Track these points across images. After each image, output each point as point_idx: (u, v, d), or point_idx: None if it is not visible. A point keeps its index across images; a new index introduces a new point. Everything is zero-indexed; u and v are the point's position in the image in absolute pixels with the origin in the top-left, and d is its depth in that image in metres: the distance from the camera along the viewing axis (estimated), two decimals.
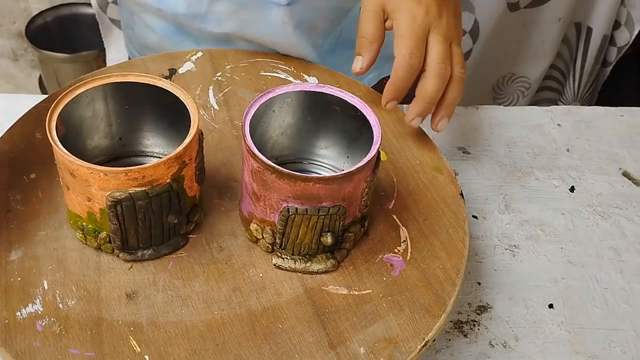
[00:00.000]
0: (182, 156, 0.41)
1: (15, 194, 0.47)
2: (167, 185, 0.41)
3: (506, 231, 0.60)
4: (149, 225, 0.42)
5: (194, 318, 0.41)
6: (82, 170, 0.39)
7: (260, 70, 0.59)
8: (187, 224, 0.44)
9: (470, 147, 0.67)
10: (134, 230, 0.42)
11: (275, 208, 0.41)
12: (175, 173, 0.41)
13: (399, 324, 0.42)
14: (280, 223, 0.42)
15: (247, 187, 0.43)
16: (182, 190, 0.42)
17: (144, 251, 0.43)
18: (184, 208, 0.43)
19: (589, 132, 0.71)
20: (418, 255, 0.45)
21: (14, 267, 0.43)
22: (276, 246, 0.44)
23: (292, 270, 0.43)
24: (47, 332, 0.40)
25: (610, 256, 0.59)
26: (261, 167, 0.40)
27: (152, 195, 0.40)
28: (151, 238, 0.43)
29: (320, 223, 0.42)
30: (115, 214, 0.41)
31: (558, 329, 0.53)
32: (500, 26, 1.08)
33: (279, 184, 0.40)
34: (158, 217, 0.42)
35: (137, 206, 0.41)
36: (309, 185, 0.40)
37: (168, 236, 0.44)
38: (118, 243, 0.43)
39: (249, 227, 0.45)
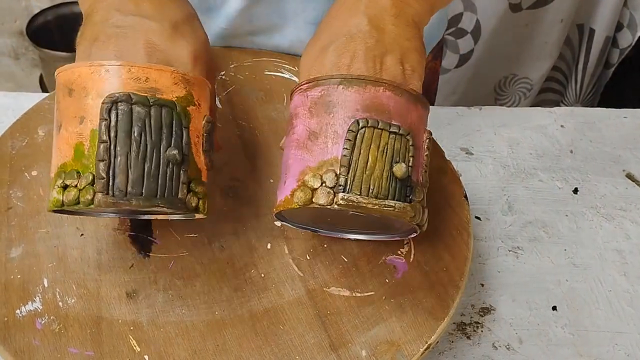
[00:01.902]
0: (190, 83, 0.37)
1: (17, 191, 0.46)
2: (171, 102, 0.36)
3: (509, 232, 0.59)
4: (144, 152, 0.35)
5: (195, 318, 0.41)
6: (83, 72, 0.36)
7: (264, 69, 0.58)
8: (190, 193, 0.37)
9: (473, 148, 0.67)
10: (124, 159, 0.35)
11: (339, 133, 0.36)
12: (182, 98, 0.37)
13: (402, 326, 0.41)
14: (347, 143, 0.35)
15: (299, 142, 0.38)
16: (187, 124, 0.37)
17: (133, 196, 0.35)
18: (188, 154, 0.37)
19: (593, 133, 0.70)
20: (421, 257, 0.45)
21: (14, 265, 0.42)
22: (339, 188, 0.35)
23: (363, 206, 0.35)
24: (47, 330, 0.39)
25: (614, 258, 0.58)
26: (325, 87, 0.37)
27: (153, 103, 0.36)
28: (144, 177, 0.35)
29: (391, 147, 0.36)
30: (107, 126, 0.35)
31: (562, 331, 0.52)
32: (502, 27, 1.08)
33: (346, 96, 0.36)
34: (156, 143, 0.36)
35: (134, 115, 0.35)
36: (379, 92, 0.36)
37: (164, 187, 0.36)
38: (102, 176, 0.35)
39: (299, 188, 0.37)
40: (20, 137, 0.50)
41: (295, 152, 0.38)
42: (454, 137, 0.67)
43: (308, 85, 0.38)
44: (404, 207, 0.36)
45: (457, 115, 0.70)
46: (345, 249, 0.45)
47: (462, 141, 0.67)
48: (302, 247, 0.45)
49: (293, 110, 0.39)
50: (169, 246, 0.44)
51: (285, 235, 0.45)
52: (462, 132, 0.68)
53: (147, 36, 0.38)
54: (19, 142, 0.49)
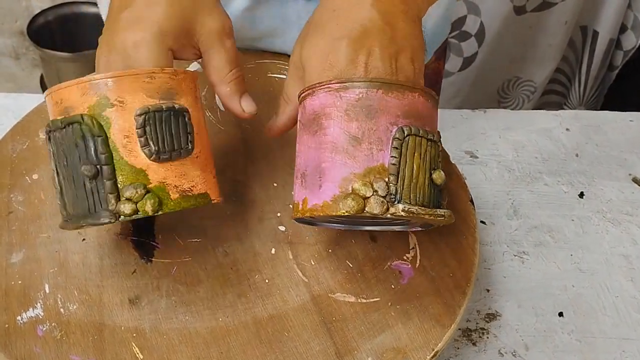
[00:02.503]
0: (102, 87, 0.36)
1: (17, 194, 0.46)
2: (77, 117, 0.36)
3: (515, 237, 0.59)
4: (70, 174, 0.36)
5: (198, 325, 0.40)
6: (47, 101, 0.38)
7: (267, 71, 0.58)
8: (119, 201, 0.36)
9: (478, 151, 0.67)
10: (65, 185, 0.37)
11: (383, 140, 0.36)
12: (93, 106, 0.36)
13: (408, 333, 0.40)
14: (394, 151, 0.36)
15: (336, 146, 0.37)
16: (100, 132, 0.36)
17: (71, 219, 0.37)
18: (109, 162, 0.36)
19: (598, 137, 0.70)
20: (427, 262, 0.44)
21: (15, 270, 0.42)
22: (391, 198, 0.36)
23: (420, 216, 0.36)
24: (48, 337, 0.39)
25: (621, 263, 0.58)
26: (363, 90, 0.36)
27: (64, 124, 0.36)
28: (77, 200, 0.36)
29: (429, 153, 0.37)
30: (52, 155, 0.37)
31: (568, 338, 0.52)
32: (506, 29, 1.08)
33: (387, 102, 0.36)
34: (75, 162, 0.36)
35: (57, 142, 0.36)
36: (415, 98, 0.37)
37: (93, 203, 0.36)
38: (59, 203, 0.38)
39: (347, 197, 0.36)
40: (21, 140, 0.49)
41: (333, 155, 0.37)
42: (459, 140, 0.67)
43: (340, 85, 0.37)
44: (450, 214, 0.37)
45: (462, 118, 0.70)
46: (350, 254, 0.45)
47: (467, 144, 0.67)
48: (307, 252, 0.45)
49: (319, 110, 0.38)
50: (172, 251, 0.44)
51: (290, 240, 0.45)
52: (467, 135, 0.68)
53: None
54: (19, 145, 0.49)
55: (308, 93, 0.39)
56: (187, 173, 0.38)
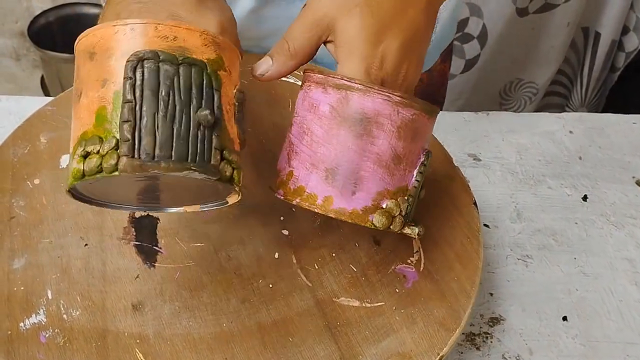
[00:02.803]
0: (221, 47, 0.35)
1: (19, 200, 0.46)
2: (202, 62, 0.34)
3: (518, 240, 0.59)
4: (172, 113, 0.33)
5: (202, 330, 0.40)
6: (106, 34, 0.34)
7: None
8: (223, 160, 0.34)
9: (481, 154, 0.66)
10: (151, 120, 0.32)
11: (414, 163, 0.38)
12: (212, 61, 0.35)
13: (413, 338, 0.40)
14: (419, 176, 0.38)
15: (381, 160, 0.37)
16: (219, 87, 0.34)
17: (162, 160, 0.32)
18: (220, 113, 0.34)
19: (602, 139, 0.70)
20: (431, 266, 0.44)
21: (17, 276, 0.42)
22: (406, 218, 0.38)
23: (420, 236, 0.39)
24: (51, 343, 0.39)
25: (625, 267, 0.58)
26: (417, 112, 0.37)
27: (182, 61, 0.33)
28: (173, 140, 0.32)
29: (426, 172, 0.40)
30: (132, 85, 0.32)
31: (573, 342, 0.52)
32: (508, 31, 1.08)
33: (427, 127, 0.38)
34: (186, 103, 0.33)
35: (161, 73, 0.33)
36: (432, 119, 0.39)
37: (195, 151, 0.33)
38: (127, 138, 0.32)
39: (375, 212, 0.37)
40: (22, 144, 0.49)
41: (375, 167, 0.37)
42: (462, 143, 0.67)
43: (400, 100, 0.36)
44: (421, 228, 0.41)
45: (464, 120, 0.70)
46: (354, 258, 0.45)
47: (470, 147, 0.67)
48: (310, 257, 0.44)
49: (373, 115, 0.36)
50: (175, 256, 0.44)
51: (293, 244, 0.45)
52: (470, 138, 0.68)
53: (170, 9, 0.36)
54: (20, 150, 0.49)
55: (360, 89, 0.36)
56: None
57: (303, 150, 0.38)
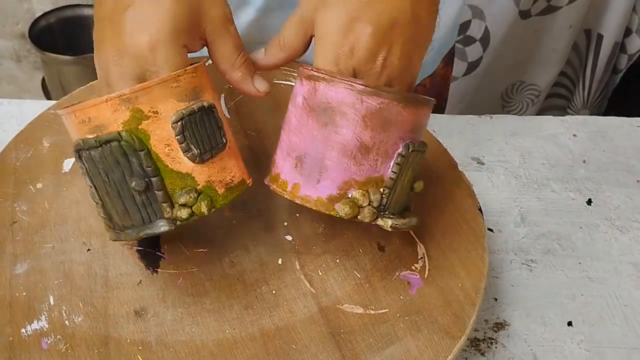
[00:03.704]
0: (132, 100, 0.35)
1: (21, 204, 0.46)
2: (114, 135, 0.35)
3: (522, 245, 0.58)
4: (116, 190, 0.36)
5: (205, 337, 0.40)
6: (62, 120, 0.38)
7: (273, 78, 0.58)
8: (173, 208, 0.37)
9: (485, 158, 0.66)
10: (108, 199, 0.37)
11: (389, 153, 0.36)
12: (128, 122, 0.35)
13: (417, 345, 0.40)
14: (396, 167, 0.36)
15: (346, 149, 0.36)
16: (142, 147, 0.36)
17: (127, 230, 0.38)
18: (156, 174, 0.36)
19: (606, 143, 0.70)
20: (436, 273, 0.44)
21: (19, 282, 0.42)
22: (381, 210, 0.37)
23: (405, 228, 0.38)
24: (53, 350, 0.39)
25: (630, 272, 0.57)
26: (385, 101, 0.35)
27: (99, 143, 0.35)
28: (128, 212, 0.37)
29: (417, 164, 0.38)
30: (86, 172, 0.37)
31: (577, 348, 0.51)
32: (511, 34, 1.07)
33: (402, 116, 0.36)
34: (121, 178, 0.36)
35: (94, 160, 0.36)
36: (424, 111, 0.37)
37: (147, 213, 0.37)
38: (104, 216, 0.38)
39: (340, 201, 0.37)
40: (25, 148, 0.49)
41: (339, 157, 0.37)
42: (465, 146, 0.67)
43: (364, 88, 0.36)
44: (417, 220, 0.39)
45: (468, 124, 0.70)
46: (358, 264, 0.44)
47: (473, 150, 0.66)
48: (314, 263, 0.44)
49: (336, 105, 0.36)
50: (178, 262, 0.44)
51: (297, 250, 0.45)
52: (473, 142, 0.67)
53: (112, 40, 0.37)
54: (23, 154, 0.49)
55: (325, 78, 0.37)
56: (226, 166, 0.39)
57: (283, 139, 0.40)
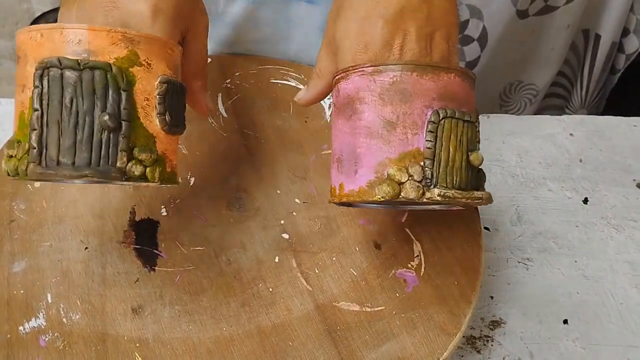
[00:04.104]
0: (134, 42, 0.35)
1: (19, 203, 0.46)
2: (105, 64, 0.34)
3: (519, 244, 0.59)
4: (75, 119, 0.34)
5: (202, 334, 0.40)
6: (24, 39, 0.35)
7: (270, 77, 0.58)
8: (132, 161, 0.35)
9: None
10: (56, 128, 0.33)
11: (418, 124, 0.36)
12: (122, 59, 0.34)
13: (413, 342, 0.40)
14: (429, 135, 0.35)
15: (371, 131, 0.36)
16: (127, 87, 0.34)
17: (63, 166, 0.33)
18: (129, 119, 0.35)
19: (602, 142, 0.70)
20: (432, 270, 0.44)
21: (17, 280, 0.42)
22: (427, 182, 0.36)
23: (457, 200, 0.36)
24: (51, 347, 0.39)
25: (626, 270, 0.58)
26: (397, 74, 0.36)
27: (83, 66, 0.33)
28: (75, 147, 0.34)
29: (466, 135, 0.36)
30: (39, 93, 0.34)
31: (573, 345, 0.52)
32: (508, 33, 1.07)
33: (421, 85, 0.36)
34: (89, 109, 0.34)
35: (64, 81, 0.33)
36: (451, 79, 0.36)
37: (99, 156, 0.34)
38: (34, 146, 0.33)
39: (382, 183, 0.36)
40: None
41: (368, 140, 0.36)
42: None
43: (374, 69, 0.36)
44: (488, 196, 0.37)
45: None
46: (354, 262, 0.45)
47: None
48: (311, 261, 0.44)
49: (354, 94, 0.37)
50: (175, 260, 0.44)
51: (293, 248, 0.45)
52: None
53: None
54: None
55: (342, 76, 0.38)
56: (175, 150, 0.38)
57: (331, 152, 0.40)
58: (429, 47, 0.37)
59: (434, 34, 0.37)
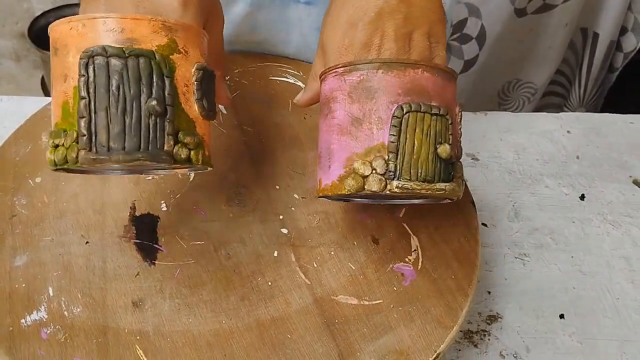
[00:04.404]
0: (173, 30, 0.36)
1: (21, 198, 0.46)
2: (149, 52, 0.35)
3: (516, 239, 0.59)
4: (123, 106, 0.34)
5: (202, 327, 0.41)
6: (63, 30, 0.36)
7: (269, 74, 0.58)
8: (177, 144, 0.36)
9: (479, 154, 0.67)
10: (104, 114, 0.34)
11: (384, 119, 0.37)
12: (163, 47, 0.35)
13: (410, 335, 0.41)
14: (393, 129, 0.36)
15: (341, 128, 0.38)
16: (169, 74, 0.35)
17: (114, 152, 0.34)
18: (173, 104, 0.35)
19: (599, 139, 0.70)
20: (429, 264, 0.45)
21: (19, 273, 0.42)
22: (390, 175, 0.37)
23: (417, 191, 0.36)
24: (52, 340, 0.39)
25: (622, 266, 0.58)
26: (363, 72, 0.37)
27: (129, 54, 0.34)
28: (124, 132, 0.34)
29: (434, 128, 0.37)
30: (86, 82, 0.34)
31: (569, 340, 0.52)
32: (507, 32, 1.08)
33: (387, 81, 0.37)
34: (135, 94, 0.35)
35: (110, 68, 0.34)
36: (418, 74, 0.37)
37: (147, 140, 0.35)
38: (84, 133, 0.34)
39: (348, 177, 0.37)
40: (24, 143, 0.50)
41: (339, 137, 0.38)
42: None
43: (344, 69, 0.38)
44: (453, 188, 0.37)
45: (463, 120, 0.70)
46: (353, 256, 0.45)
47: (468, 147, 0.67)
48: (309, 255, 0.45)
49: (329, 94, 0.39)
50: (175, 254, 0.44)
51: (292, 242, 0.45)
52: (468, 138, 0.68)
53: None
54: (22, 149, 0.49)
55: (322, 78, 0.40)
56: (210, 134, 0.39)
57: None
58: (407, 46, 0.38)
59: (413, 33, 0.38)
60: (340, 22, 0.39)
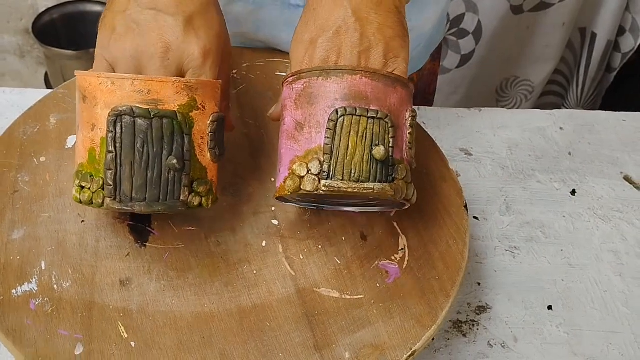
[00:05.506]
0: (193, 89, 0.34)
1: (24, 175, 0.41)
2: (172, 113, 0.33)
3: (507, 233, 0.51)
4: (146, 161, 0.33)
5: (184, 309, 0.35)
6: (93, 82, 0.34)
7: (276, 70, 0.51)
8: (191, 194, 0.34)
9: (473, 149, 0.58)
10: (129, 168, 0.33)
11: (321, 123, 0.34)
12: (184, 106, 0.34)
13: (388, 331, 0.34)
14: (328, 132, 0.33)
15: (288, 133, 0.35)
16: (189, 131, 0.34)
17: (136, 202, 0.33)
18: (190, 159, 0.34)
19: (591, 136, 0.61)
20: (415, 264, 0.37)
21: (15, 246, 0.37)
22: (323, 175, 0.34)
23: (344, 190, 0.33)
24: (40, 311, 0.34)
25: (610, 259, 0.50)
26: (306, 80, 0.34)
27: (154, 115, 0.33)
28: (146, 185, 0.33)
29: (370, 131, 0.33)
30: (113, 138, 0.33)
31: (557, 331, 0.44)
32: (503, 28, 0.96)
33: (325, 87, 0.34)
34: (157, 152, 0.33)
35: (136, 128, 0.33)
36: (356, 80, 0.34)
37: (166, 192, 0.34)
38: (110, 184, 0.33)
39: (288, 178, 0.35)
40: (33, 124, 0.44)
41: (286, 142, 0.35)
42: (454, 138, 0.59)
43: (293, 78, 0.35)
44: (382, 187, 0.33)
45: (457, 116, 0.62)
46: (340, 251, 0.38)
47: (462, 142, 0.59)
48: (297, 247, 0.38)
49: (283, 102, 0.36)
50: (166, 238, 0.38)
51: (282, 234, 0.39)
52: (462, 133, 0.59)
53: (161, 35, 0.34)
54: (30, 129, 0.43)
55: (282, 89, 0.37)
56: (217, 175, 0.37)
57: None
58: (363, 62, 0.35)
59: (369, 51, 0.35)
60: (304, 40, 0.37)
